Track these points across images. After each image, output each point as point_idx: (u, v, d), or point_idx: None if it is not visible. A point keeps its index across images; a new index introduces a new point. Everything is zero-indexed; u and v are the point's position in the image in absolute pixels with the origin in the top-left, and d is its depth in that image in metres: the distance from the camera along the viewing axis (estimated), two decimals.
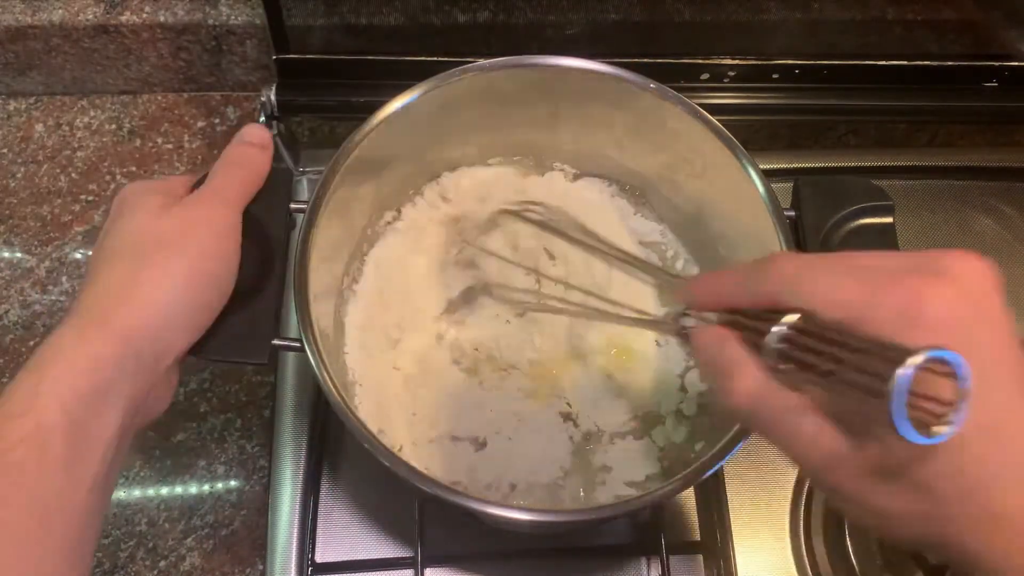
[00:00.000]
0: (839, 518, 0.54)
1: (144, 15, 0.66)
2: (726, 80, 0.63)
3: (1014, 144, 0.73)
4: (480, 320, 0.54)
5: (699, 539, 0.55)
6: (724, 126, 0.49)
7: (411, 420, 0.51)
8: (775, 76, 0.63)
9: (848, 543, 0.52)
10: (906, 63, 0.64)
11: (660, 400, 0.52)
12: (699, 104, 0.50)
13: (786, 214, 0.48)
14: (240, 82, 0.71)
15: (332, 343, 0.50)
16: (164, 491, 0.56)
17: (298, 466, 0.54)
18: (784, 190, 0.50)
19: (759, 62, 0.63)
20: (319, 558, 0.53)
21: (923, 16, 0.66)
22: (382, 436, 0.50)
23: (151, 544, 0.55)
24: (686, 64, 0.62)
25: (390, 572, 0.53)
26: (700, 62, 0.62)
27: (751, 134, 0.68)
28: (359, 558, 0.53)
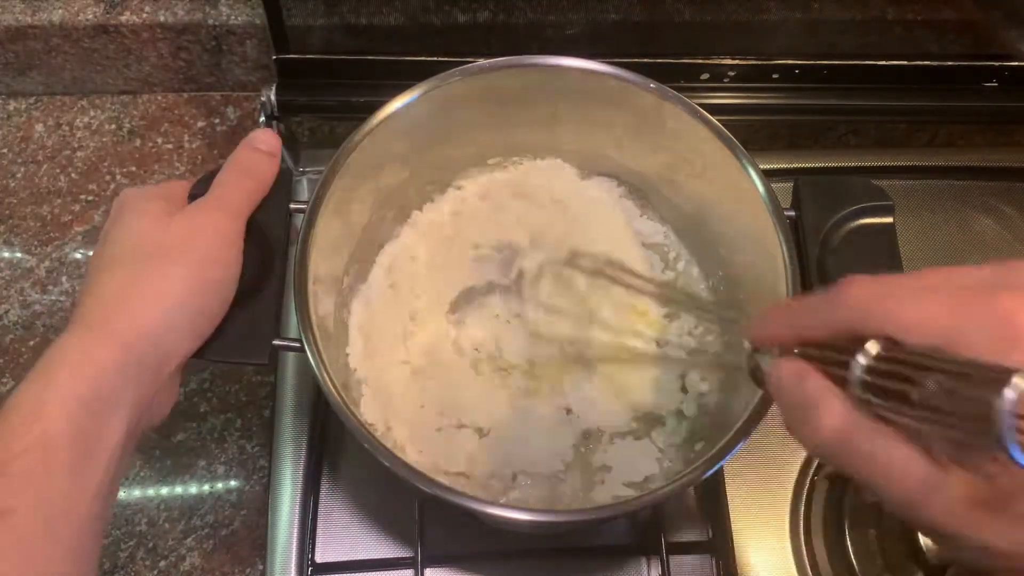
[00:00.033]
0: (839, 518, 0.54)
1: (144, 15, 0.66)
2: (726, 80, 0.63)
3: (1014, 144, 0.73)
4: (480, 320, 0.54)
5: (699, 539, 0.55)
6: (724, 126, 0.49)
7: (417, 413, 0.51)
8: (775, 76, 0.63)
9: (848, 543, 0.52)
10: (906, 63, 0.64)
11: (660, 400, 0.52)
12: (699, 104, 0.50)
13: (786, 214, 0.48)
14: (240, 82, 0.71)
15: (333, 343, 0.50)
16: (164, 491, 0.56)
17: (298, 466, 0.54)
18: (784, 190, 0.50)
19: (759, 62, 0.63)
20: (319, 558, 0.53)
21: (923, 16, 0.66)
22: (387, 432, 0.50)
23: (151, 544, 0.55)
24: (686, 64, 0.62)
25: (390, 572, 0.53)
26: (700, 62, 0.63)
27: (751, 134, 0.68)
28: (359, 558, 0.53)
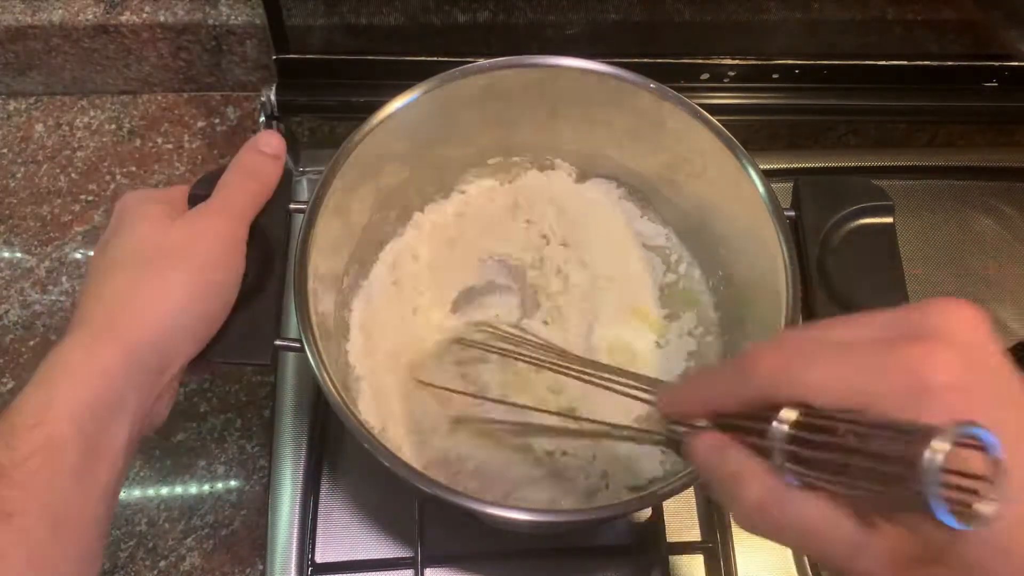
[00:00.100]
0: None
1: (144, 15, 0.66)
2: (726, 80, 0.63)
3: (1014, 144, 0.73)
4: (477, 321, 0.54)
5: (699, 539, 0.55)
6: (724, 126, 0.49)
7: (413, 416, 0.51)
8: (775, 76, 0.63)
9: None
10: (906, 63, 0.64)
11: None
12: (699, 104, 0.50)
13: (786, 214, 0.48)
14: (240, 82, 0.71)
15: (333, 342, 0.50)
16: (164, 491, 0.56)
17: (298, 466, 0.54)
18: (784, 190, 0.50)
19: (759, 62, 0.63)
20: (319, 558, 0.53)
21: (923, 16, 0.66)
22: (384, 433, 0.50)
23: (151, 544, 0.55)
24: (686, 64, 0.62)
25: (390, 572, 0.53)
26: (700, 62, 0.63)
27: (751, 134, 0.68)
28: (359, 558, 0.53)
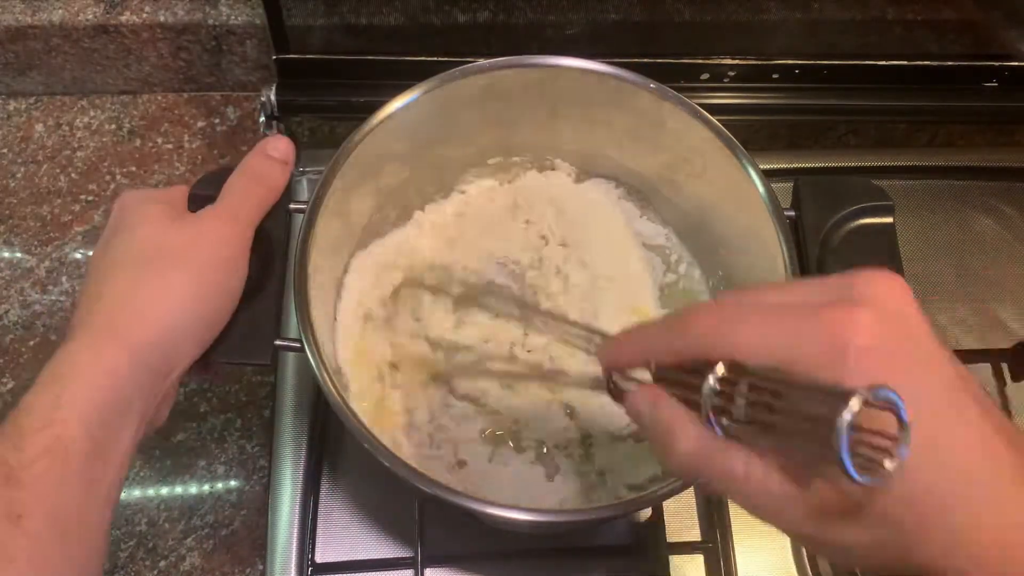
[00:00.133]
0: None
1: (144, 15, 0.66)
2: (726, 80, 0.63)
3: (1014, 144, 0.73)
4: (480, 318, 0.54)
5: (699, 539, 0.55)
6: (724, 126, 0.49)
7: (406, 420, 0.51)
8: (775, 76, 0.63)
9: None
10: (906, 63, 0.64)
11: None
12: (699, 104, 0.50)
13: (786, 214, 0.48)
14: (240, 82, 0.71)
15: (333, 342, 0.50)
16: (164, 491, 0.56)
17: (298, 466, 0.54)
18: (784, 190, 0.50)
19: (759, 62, 0.63)
20: (319, 558, 0.53)
21: (923, 16, 0.66)
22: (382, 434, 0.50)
23: (151, 544, 0.55)
24: (686, 64, 0.62)
25: (390, 572, 0.53)
26: (700, 62, 0.63)
27: (751, 134, 0.68)
28: (359, 558, 0.53)
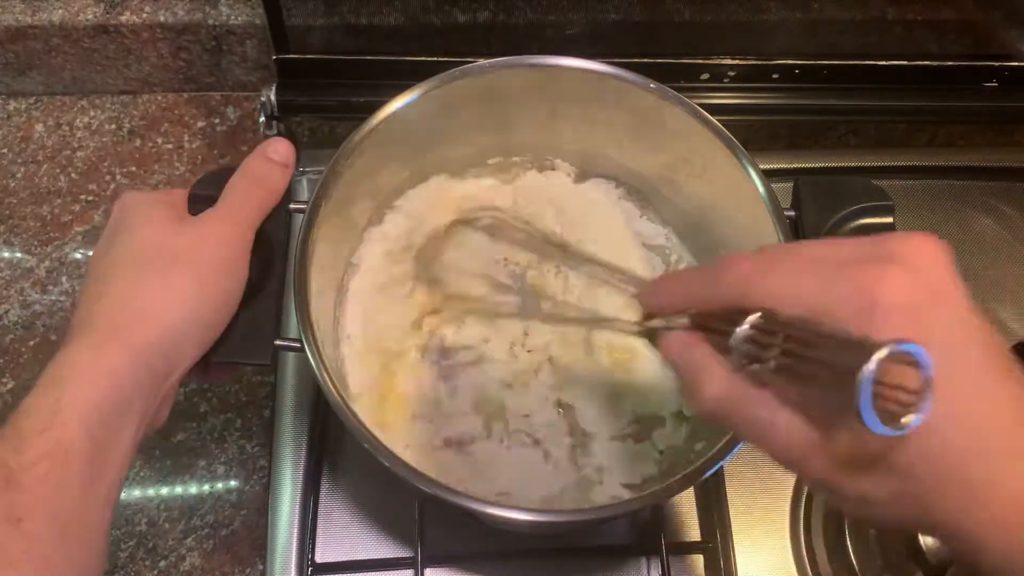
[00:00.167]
0: (839, 518, 0.53)
1: (144, 15, 0.66)
2: (726, 80, 0.63)
3: (1014, 144, 0.73)
4: (479, 318, 0.54)
5: (699, 539, 0.55)
6: (724, 126, 0.49)
7: (409, 418, 0.51)
8: (775, 76, 0.63)
9: (848, 543, 0.52)
10: (906, 63, 0.64)
11: (660, 401, 0.52)
12: (699, 104, 0.50)
13: (786, 214, 0.48)
14: (240, 82, 0.71)
15: (332, 342, 0.50)
16: (164, 491, 0.56)
17: (298, 466, 0.54)
18: (784, 190, 0.50)
19: (759, 62, 0.63)
20: (319, 558, 0.53)
21: (923, 16, 0.66)
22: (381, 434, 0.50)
23: (151, 544, 0.55)
24: (686, 64, 0.62)
25: (390, 572, 0.53)
26: (700, 62, 0.63)
27: (751, 134, 0.68)
28: (359, 558, 0.53)
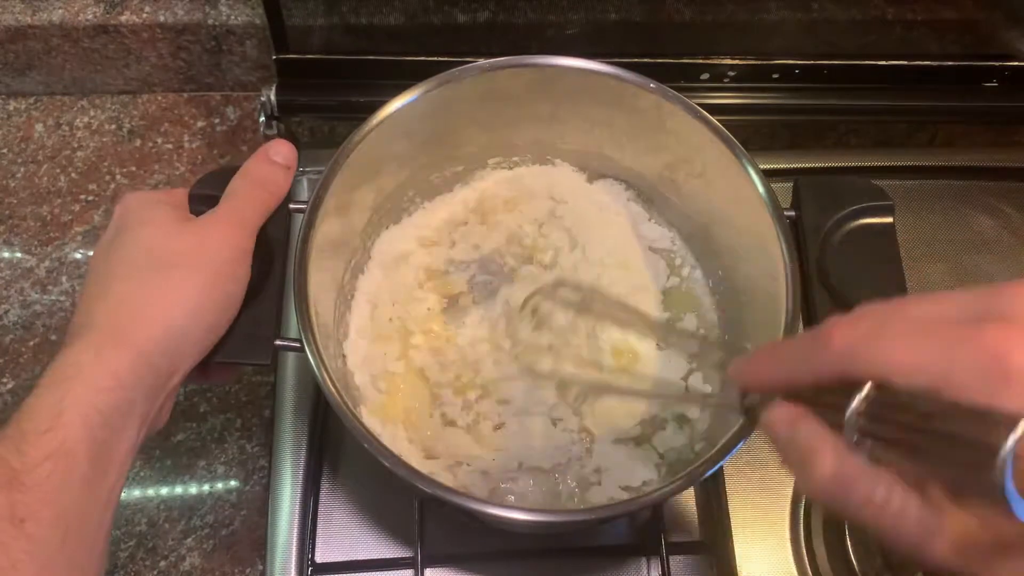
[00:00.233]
0: (839, 518, 0.53)
1: (144, 15, 0.66)
2: (726, 80, 0.63)
3: (1014, 144, 0.73)
4: (479, 317, 0.54)
5: (699, 539, 0.55)
6: (724, 126, 0.49)
7: (414, 411, 0.51)
8: (775, 76, 0.63)
9: (848, 543, 0.52)
10: (906, 63, 0.64)
11: (663, 403, 0.52)
12: (699, 104, 0.50)
13: (786, 214, 0.48)
14: (240, 82, 0.71)
15: (333, 342, 0.50)
16: (164, 491, 0.56)
17: (298, 466, 0.54)
18: (784, 190, 0.50)
19: (759, 62, 0.63)
20: (319, 558, 0.53)
21: (923, 16, 0.66)
22: (384, 431, 0.50)
23: (151, 544, 0.55)
24: (686, 64, 0.62)
25: (390, 572, 0.53)
26: (700, 62, 0.63)
27: (751, 134, 0.68)
28: (359, 558, 0.53)
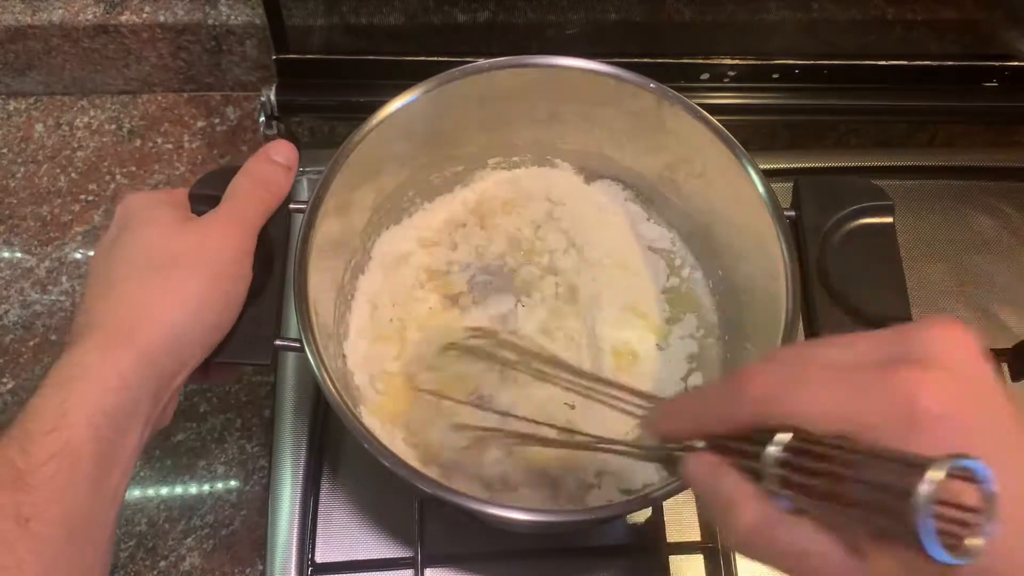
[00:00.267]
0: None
1: (144, 15, 0.66)
2: (726, 80, 0.63)
3: (1014, 144, 0.73)
4: (478, 317, 0.54)
5: (699, 539, 0.55)
6: (724, 126, 0.49)
7: (409, 418, 0.51)
8: (775, 76, 0.63)
9: None
10: (906, 63, 0.64)
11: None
12: (699, 104, 0.50)
13: (786, 214, 0.48)
14: (240, 82, 0.71)
15: (333, 342, 0.50)
16: (164, 491, 0.56)
17: (298, 466, 0.54)
18: (784, 190, 0.50)
19: (759, 62, 0.63)
20: (319, 558, 0.53)
21: (923, 16, 0.66)
22: (384, 431, 0.50)
23: (151, 544, 0.55)
24: (686, 64, 0.62)
25: (390, 572, 0.53)
26: (700, 62, 0.63)
27: (751, 134, 0.67)
28: (359, 558, 0.53)
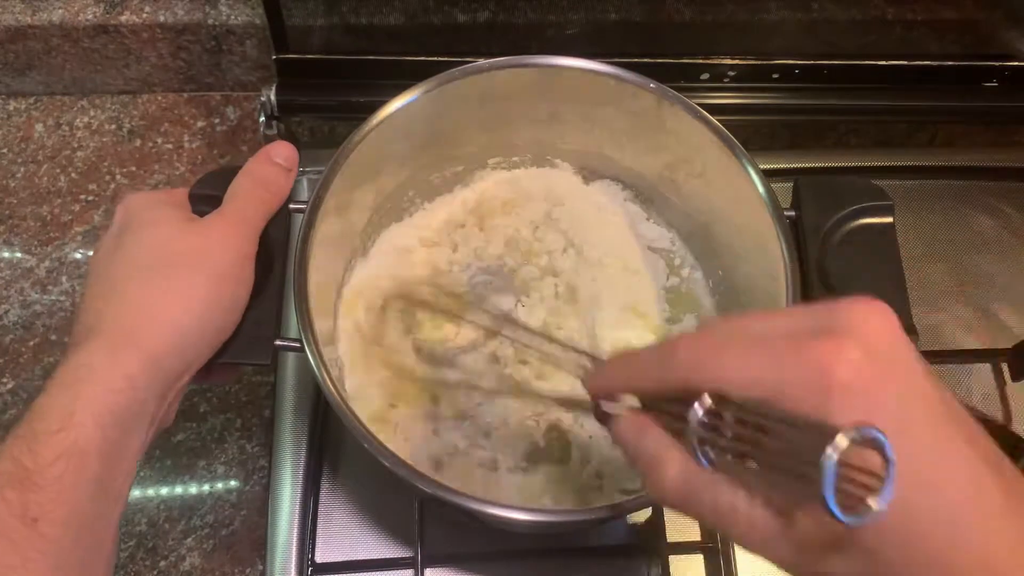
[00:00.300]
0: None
1: (144, 15, 0.66)
2: (726, 80, 0.63)
3: (1014, 144, 0.73)
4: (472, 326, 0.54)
5: (699, 539, 0.55)
6: (724, 126, 0.49)
7: (409, 418, 0.51)
8: (775, 76, 0.63)
9: None
10: (906, 63, 0.64)
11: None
12: (699, 104, 0.50)
13: (786, 214, 0.48)
14: (240, 82, 0.71)
15: (333, 342, 0.50)
16: (164, 491, 0.56)
17: (298, 466, 0.54)
18: (784, 190, 0.50)
19: (759, 62, 0.63)
20: (319, 558, 0.53)
21: (923, 16, 0.66)
22: (383, 431, 0.50)
23: (151, 544, 0.55)
24: (686, 64, 0.62)
25: (390, 572, 0.53)
26: (700, 62, 0.63)
27: (751, 134, 0.68)
28: (359, 558, 0.53)
